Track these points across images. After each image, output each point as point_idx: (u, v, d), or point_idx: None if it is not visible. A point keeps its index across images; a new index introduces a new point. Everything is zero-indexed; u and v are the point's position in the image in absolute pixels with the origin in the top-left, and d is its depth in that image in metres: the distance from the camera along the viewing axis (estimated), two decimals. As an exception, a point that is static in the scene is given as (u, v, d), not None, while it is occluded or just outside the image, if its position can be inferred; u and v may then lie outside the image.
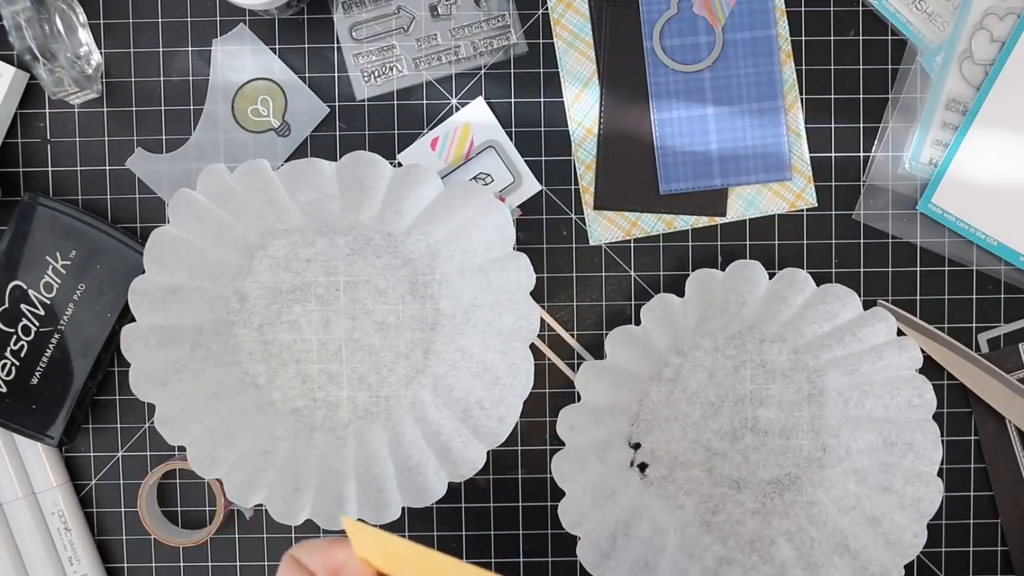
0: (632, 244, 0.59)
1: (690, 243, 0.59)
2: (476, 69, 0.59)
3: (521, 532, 0.60)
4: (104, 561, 0.60)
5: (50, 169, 0.59)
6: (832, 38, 0.58)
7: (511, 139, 0.59)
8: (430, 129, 0.59)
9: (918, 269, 0.59)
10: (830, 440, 0.58)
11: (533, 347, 0.58)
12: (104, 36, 0.58)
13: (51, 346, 0.57)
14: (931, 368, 0.58)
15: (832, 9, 0.58)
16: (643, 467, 0.58)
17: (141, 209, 0.59)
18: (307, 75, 0.58)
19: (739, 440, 0.58)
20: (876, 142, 0.59)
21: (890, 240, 0.59)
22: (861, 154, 0.59)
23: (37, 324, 0.57)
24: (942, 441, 0.59)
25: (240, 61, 0.58)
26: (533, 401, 0.59)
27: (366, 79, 0.58)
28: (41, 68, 0.54)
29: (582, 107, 0.58)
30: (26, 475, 0.59)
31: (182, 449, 0.59)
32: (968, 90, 0.57)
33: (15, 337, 0.57)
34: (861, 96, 0.59)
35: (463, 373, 0.57)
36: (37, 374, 0.57)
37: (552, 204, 0.59)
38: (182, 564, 0.60)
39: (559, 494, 0.60)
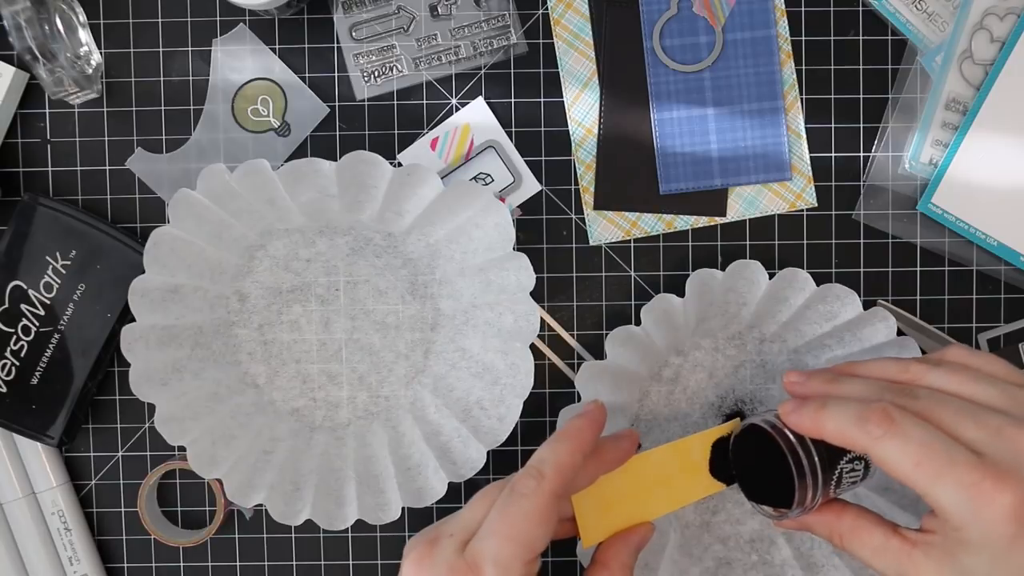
0: (632, 244, 0.59)
1: (690, 243, 0.59)
2: (476, 69, 0.59)
3: (521, 532, 0.60)
4: (104, 561, 0.60)
5: (50, 169, 0.59)
6: (832, 38, 0.58)
7: (511, 139, 0.59)
8: (430, 129, 0.58)
9: (918, 269, 0.59)
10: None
11: (533, 347, 0.58)
12: (104, 36, 0.58)
13: (51, 346, 0.57)
14: (931, 368, 0.58)
15: (832, 9, 0.58)
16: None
17: (141, 209, 0.59)
18: (307, 75, 0.58)
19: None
20: (876, 142, 0.59)
21: (890, 240, 0.59)
22: (861, 154, 0.59)
23: (37, 324, 0.57)
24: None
25: (240, 61, 0.58)
26: (533, 401, 0.59)
27: (366, 79, 0.58)
28: (41, 68, 0.54)
29: (582, 107, 0.58)
30: (26, 475, 0.59)
31: (182, 449, 0.59)
32: (968, 90, 0.57)
33: (15, 337, 0.57)
34: (861, 96, 0.59)
35: (463, 373, 0.57)
36: (37, 374, 0.57)
37: (552, 204, 0.59)
38: (182, 564, 0.60)
39: (559, 494, 0.60)
